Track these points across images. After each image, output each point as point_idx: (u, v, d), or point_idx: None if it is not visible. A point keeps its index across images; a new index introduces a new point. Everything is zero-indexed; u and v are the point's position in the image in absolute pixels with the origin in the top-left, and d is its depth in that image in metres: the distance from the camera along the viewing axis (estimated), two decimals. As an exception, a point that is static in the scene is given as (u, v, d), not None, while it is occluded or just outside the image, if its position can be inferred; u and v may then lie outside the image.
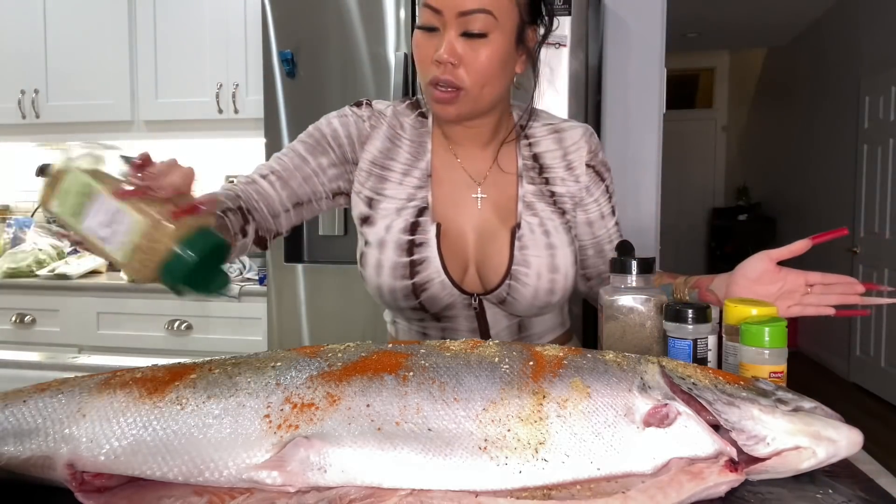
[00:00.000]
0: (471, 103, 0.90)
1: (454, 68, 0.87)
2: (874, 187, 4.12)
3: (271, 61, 2.08)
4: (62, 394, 0.57)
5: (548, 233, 0.97)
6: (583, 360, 0.58)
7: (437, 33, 0.87)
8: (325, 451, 0.51)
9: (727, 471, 0.51)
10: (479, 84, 0.88)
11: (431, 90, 0.89)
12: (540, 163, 1.00)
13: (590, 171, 1.01)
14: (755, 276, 0.84)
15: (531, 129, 1.02)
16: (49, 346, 2.42)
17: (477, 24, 0.85)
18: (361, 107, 1.01)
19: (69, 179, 0.61)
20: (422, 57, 0.89)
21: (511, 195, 0.99)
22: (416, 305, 0.95)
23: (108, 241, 0.60)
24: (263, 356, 0.61)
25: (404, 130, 1.00)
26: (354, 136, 0.98)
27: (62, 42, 2.67)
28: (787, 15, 5.02)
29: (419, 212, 0.95)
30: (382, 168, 0.98)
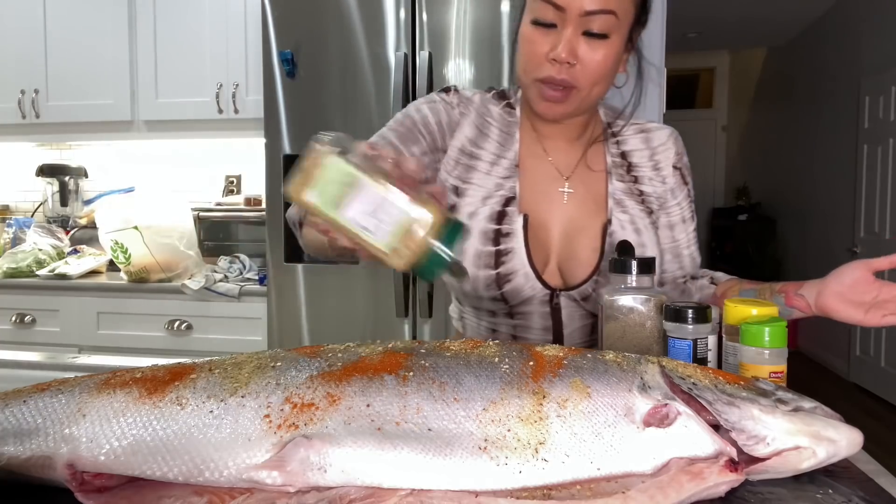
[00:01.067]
0: (578, 102, 0.90)
1: (570, 68, 0.86)
2: (874, 187, 4.12)
3: (271, 61, 2.08)
4: (62, 394, 0.57)
5: (638, 231, 0.96)
6: (583, 360, 0.58)
7: (553, 30, 0.85)
8: (325, 451, 0.51)
9: (727, 471, 0.51)
10: (591, 84, 0.88)
11: (540, 87, 0.88)
12: (628, 161, 1.00)
13: (676, 173, 1.01)
14: (850, 283, 0.82)
15: (619, 128, 1.02)
16: (49, 346, 2.42)
17: (599, 24, 0.84)
18: (450, 93, 0.99)
19: (329, 168, 0.58)
20: (534, 52, 0.87)
21: (599, 191, 0.98)
22: (497, 296, 0.94)
23: (372, 232, 0.58)
24: (263, 356, 0.61)
25: (493, 119, 0.99)
26: (444, 122, 0.97)
27: (62, 42, 2.67)
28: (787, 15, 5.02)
29: (506, 201, 0.95)
30: (470, 157, 0.97)
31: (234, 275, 2.44)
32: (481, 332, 1.03)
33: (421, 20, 1.99)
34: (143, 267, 2.37)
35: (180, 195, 2.61)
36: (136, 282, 2.40)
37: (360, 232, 0.58)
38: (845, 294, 0.82)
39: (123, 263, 2.38)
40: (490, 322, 1.01)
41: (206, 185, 2.92)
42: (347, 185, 0.57)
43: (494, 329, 1.01)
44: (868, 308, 0.81)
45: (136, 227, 2.32)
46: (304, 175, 0.58)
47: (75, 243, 2.72)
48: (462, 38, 1.98)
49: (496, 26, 1.96)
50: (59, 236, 2.74)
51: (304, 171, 0.58)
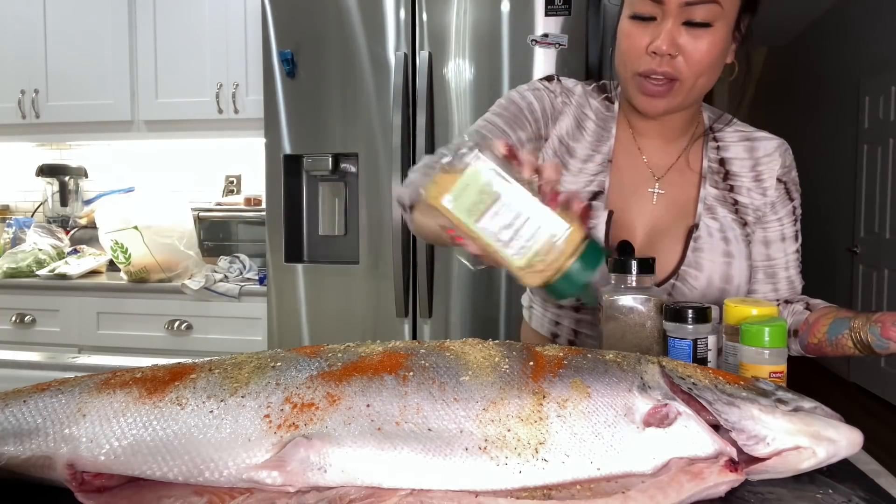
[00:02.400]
0: (682, 95, 0.87)
1: (672, 59, 0.83)
2: (874, 187, 4.12)
3: (271, 61, 2.08)
4: (62, 394, 0.57)
5: (727, 240, 0.93)
6: (583, 360, 0.58)
7: (652, 23, 0.83)
8: (325, 451, 0.51)
9: (727, 471, 0.51)
10: (695, 75, 0.84)
11: (641, 81, 0.86)
12: (726, 168, 0.96)
13: (779, 187, 0.96)
14: None
15: (721, 133, 0.98)
16: (49, 346, 2.42)
17: (701, 13, 0.81)
18: (552, 82, 0.98)
19: (472, 175, 0.55)
20: (633, 46, 0.85)
21: (690, 195, 0.95)
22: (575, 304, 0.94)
23: (508, 245, 0.56)
24: (263, 356, 0.61)
25: (591, 112, 0.97)
26: (549, 110, 0.96)
27: (62, 42, 2.67)
28: (787, 15, 5.02)
29: (593, 195, 0.93)
30: (566, 150, 0.96)
31: (234, 275, 2.44)
32: (545, 324, 1.02)
33: (421, 20, 1.99)
34: (143, 267, 2.37)
35: (180, 195, 2.62)
36: (136, 282, 2.40)
37: (495, 244, 0.56)
38: None
39: (123, 263, 2.38)
40: (555, 314, 1.00)
41: (206, 185, 2.92)
42: (488, 195, 0.55)
43: (558, 322, 1.00)
44: None
45: (136, 227, 2.32)
46: (445, 179, 0.56)
47: (75, 243, 2.72)
48: (462, 38, 1.98)
49: (496, 26, 1.96)
50: (59, 236, 2.74)
51: (445, 174, 0.56)
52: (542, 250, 0.56)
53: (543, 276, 0.57)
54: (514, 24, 1.94)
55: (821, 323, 0.84)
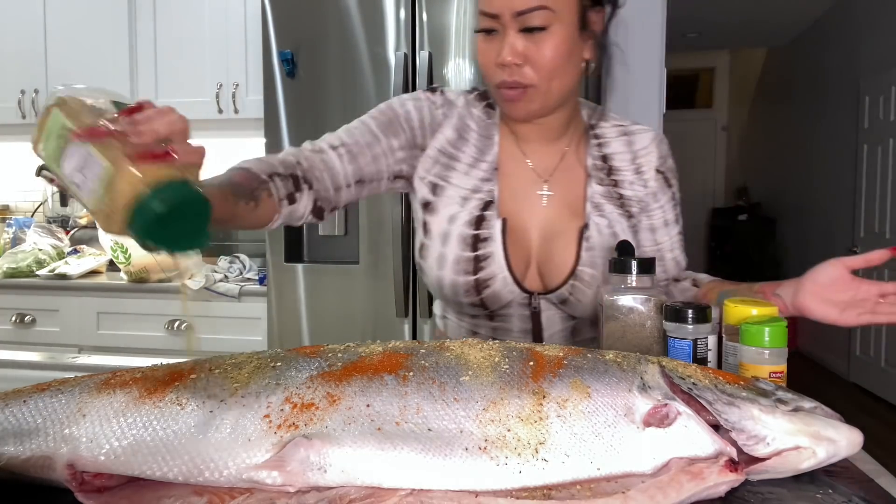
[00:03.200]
0: (540, 99, 0.89)
1: (519, 68, 0.86)
2: (874, 187, 4.12)
3: (271, 61, 2.08)
4: (62, 394, 0.57)
5: (615, 235, 0.95)
6: (583, 360, 0.58)
7: (496, 35, 0.86)
8: (325, 451, 0.51)
9: (727, 471, 0.51)
10: (547, 79, 0.87)
11: (500, 91, 0.89)
12: (609, 164, 0.99)
13: (659, 177, 1.00)
14: (827, 282, 0.80)
15: (601, 130, 1.01)
16: (49, 346, 2.42)
17: (535, 20, 0.84)
18: (435, 93, 0.99)
19: (52, 120, 0.56)
20: (486, 62, 0.89)
21: (578, 194, 0.97)
22: (476, 302, 0.94)
23: (81, 188, 0.55)
24: (263, 356, 0.61)
25: (473, 121, 0.99)
26: (427, 121, 0.97)
27: (62, 42, 2.67)
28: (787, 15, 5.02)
29: (485, 205, 0.94)
30: (450, 157, 0.97)
31: (234, 275, 2.44)
32: (462, 334, 1.02)
33: (421, 20, 1.99)
34: (143, 267, 2.37)
35: (180, 195, 2.61)
36: (136, 282, 2.40)
37: (73, 188, 0.56)
38: (821, 293, 0.80)
39: (123, 263, 2.38)
40: (471, 323, 1.01)
41: (206, 185, 2.91)
42: (63, 139, 0.55)
43: (475, 331, 1.01)
44: (844, 307, 0.79)
45: (136, 227, 2.32)
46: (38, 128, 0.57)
47: (75, 243, 2.72)
48: (462, 38, 1.98)
49: (496, 26, 1.96)
50: (59, 236, 2.74)
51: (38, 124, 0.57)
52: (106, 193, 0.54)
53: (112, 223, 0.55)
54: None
55: (709, 297, 0.91)
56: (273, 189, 0.83)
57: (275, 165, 0.85)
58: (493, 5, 0.85)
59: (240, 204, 0.77)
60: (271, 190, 0.83)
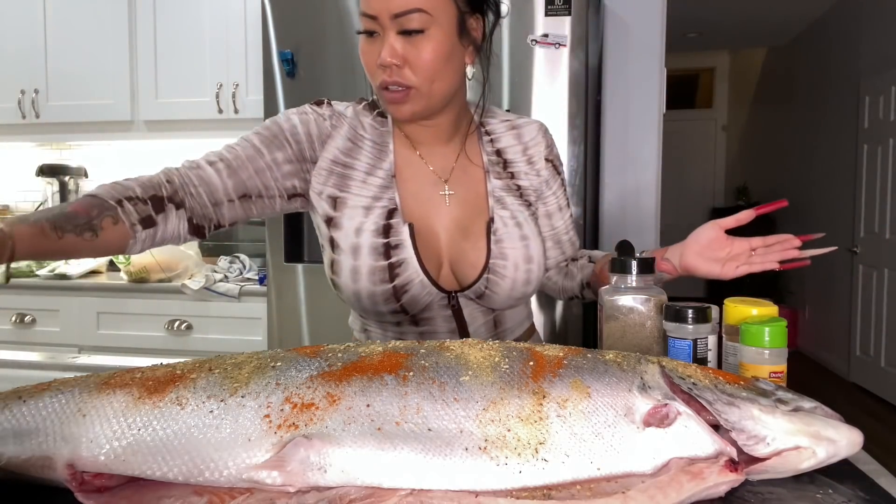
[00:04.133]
0: (423, 100, 0.90)
1: (399, 69, 0.88)
2: (874, 187, 4.12)
3: (271, 61, 2.08)
4: (62, 394, 0.57)
5: (519, 224, 0.99)
6: (583, 360, 0.58)
7: (377, 37, 0.88)
8: (325, 451, 0.51)
9: (727, 471, 0.51)
10: (427, 80, 0.89)
11: (383, 93, 0.90)
12: (503, 158, 1.03)
13: (548, 165, 1.05)
14: (706, 243, 0.90)
15: (490, 126, 1.04)
16: (49, 346, 2.42)
17: (412, 22, 0.86)
18: (322, 106, 1.00)
19: None
20: (368, 63, 0.90)
21: (479, 191, 1.00)
22: (397, 308, 0.94)
23: None
24: (263, 356, 0.61)
25: (365, 131, 0.99)
26: (314, 134, 0.97)
27: (62, 42, 2.67)
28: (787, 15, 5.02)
29: (389, 213, 0.95)
30: (344, 167, 0.97)
31: (234, 275, 2.44)
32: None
33: (421, 20, 1.99)
34: (143, 267, 2.37)
35: (180, 195, 2.61)
36: (136, 282, 2.40)
37: None
38: (703, 252, 0.90)
39: (123, 263, 2.38)
40: (396, 331, 1.01)
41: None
42: None
43: (401, 338, 1.00)
44: (724, 262, 0.89)
45: (136, 227, 2.32)
46: None
47: (75, 243, 2.71)
48: (462, 38, 1.98)
49: (496, 26, 1.95)
50: (59, 236, 2.74)
51: None
52: None
53: None
54: (514, 24, 1.94)
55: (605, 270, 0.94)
56: (122, 215, 0.81)
57: (130, 188, 0.84)
58: (371, 7, 0.86)
59: (67, 237, 0.75)
60: (119, 216, 0.81)
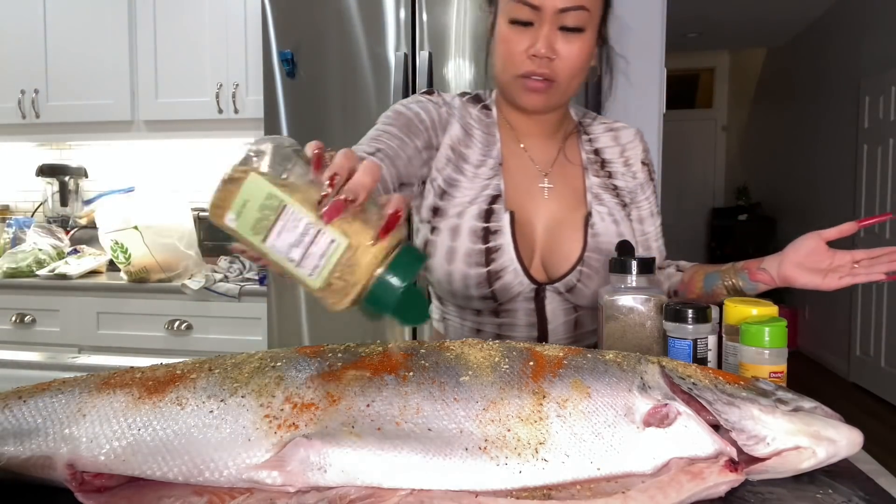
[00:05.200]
0: (559, 95, 0.94)
1: (550, 62, 0.90)
2: (874, 187, 4.12)
3: (271, 61, 2.08)
4: (62, 394, 0.57)
5: (616, 222, 1.01)
6: (583, 360, 0.58)
7: (530, 28, 0.90)
8: (325, 451, 0.51)
9: (727, 471, 0.51)
10: (569, 77, 0.92)
11: (522, 81, 0.92)
12: (601, 157, 1.05)
13: (644, 169, 1.07)
14: (806, 253, 0.88)
15: (589, 127, 1.08)
16: (49, 346, 2.42)
17: (573, 19, 0.88)
18: (433, 94, 1.02)
19: (249, 187, 0.48)
20: (513, 51, 0.91)
21: (577, 186, 1.02)
22: (487, 294, 0.96)
23: (301, 265, 0.49)
24: (263, 356, 0.61)
25: (474, 120, 1.02)
26: (436, 120, 0.99)
27: (62, 42, 2.67)
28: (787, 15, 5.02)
29: (492, 199, 0.97)
30: (459, 156, 0.99)
31: (234, 275, 2.44)
32: (464, 333, 1.03)
33: (421, 20, 1.99)
34: (143, 267, 2.37)
35: (180, 195, 2.61)
36: (136, 282, 2.39)
37: (287, 265, 0.49)
38: (803, 263, 0.88)
39: (123, 263, 2.38)
40: (474, 321, 1.01)
41: (207, 185, 2.92)
42: (270, 210, 0.48)
43: (479, 329, 1.01)
44: (825, 274, 0.87)
45: (136, 227, 2.32)
46: (225, 193, 0.49)
47: (75, 243, 2.72)
48: (462, 38, 1.98)
49: (496, 26, 1.96)
50: (59, 236, 2.74)
51: (225, 187, 0.49)
52: (338, 268, 0.49)
53: (347, 297, 0.50)
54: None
55: (695, 279, 0.98)
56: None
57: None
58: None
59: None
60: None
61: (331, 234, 0.48)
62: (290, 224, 0.48)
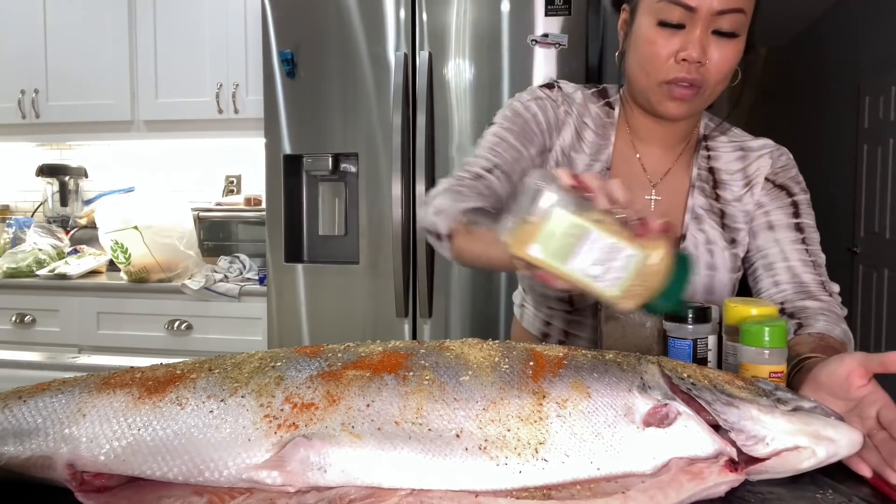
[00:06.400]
0: (702, 102, 0.88)
1: (700, 67, 0.84)
2: (874, 187, 4.12)
3: (271, 61, 2.08)
4: (62, 394, 0.57)
5: (711, 252, 0.94)
6: (583, 360, 0.58)
7: (680, 31, 0.83)
8: (325, 451, 0.51)
9: (727, 471, 0.51)
10: (717, 83, 0.86)
11: (669, 88, 0.86)
12: (715, 177, 0.97)
13: (767, 185, 0.96)
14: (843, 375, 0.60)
15: (714, 142, 0.99)
16: (49, 346, 2.42)
17: (728, 22, 0.82)
18: (553, 89, 0.97)
19: (555, 222, 0.56)
20: (662, 55, 0.85)
21: (679, 204, 0.96)
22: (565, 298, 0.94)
23: (600, 279, 0.57)
24: (263, 356, 0.61)
25: (590, 119, 0.97)
26: (552, 121, 0.95)
27: (62, 42, 2.67)
28: (787, 15, 5.02)
29: None
30: (568, 160, 0.96)
31: (234, 275, 2.44)
32: (536, 324, 1.03)
33: (421, 20, 1.99)
34: (143, 267, 2.37)
35: (180, 195, 2.61)
36: (136, 282, 2.39)
37: (587, 280, 0.58)
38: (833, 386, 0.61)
39: (123, 263, 2.38)
40: (547, 314, 1.01)
41: (206, 185, 2.92)
42: (574, 237, 0.56)
43: (549, 322, 1.01)
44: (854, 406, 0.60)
45: (136, 227, 2.32)
46: (527, 230, 0.57)
47: (75, 243, 2.72)
48: (462, 38, 1.98)
49: (496, 26, 1.96)
50: (59, 236, 2.74)
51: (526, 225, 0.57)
52: (637, 278, 0.57)
53: (641, 300, 0.58)
54: (514, 24, 1.94)
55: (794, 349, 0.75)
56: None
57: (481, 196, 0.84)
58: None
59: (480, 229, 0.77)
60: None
61: (628, 251, 0.56)
62: (592, 247, 0.56)
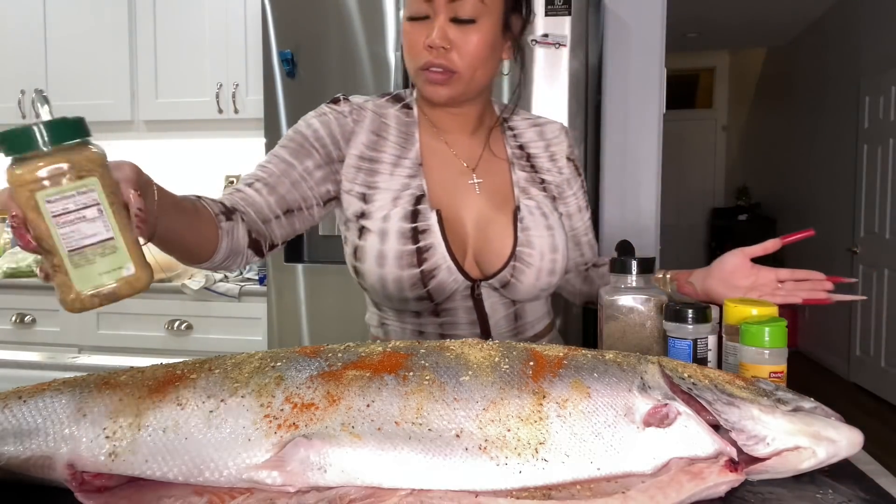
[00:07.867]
0: (463, 86, 0.93)
1: (446, 52, 0.90)
2: (874, 187, 4.12)
3: (271, 61, 2.08)
4: (62, 394, 0.57)
5: (545, 215, 1.00)
6: (583, 360, 0.58)
7: (426, 21, 0.91)
8: (325, 451, 0.51)
9: (727, 471, 0.51)
10: (471, 67, 0.92)
11: (424, 74, 0.93)
12: (527, 152, 1.06)
13: (570, 165, 1.08)
14: (730, 270, 0.91)
15: (513, 122, 1.08)
16: (49, 346, 2.42)
17: (466, 9, 0.89)
18: (339, 103, 1.00)
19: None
20: (412, 44, 0.92)
21: (504, 181, 1.02)
22: (424, 294, 0.94)
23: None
24: (263, 356, 0.61)
25: (389, 122, 1.00)
26: (337, 133, 0.97)
27: (62, 42, 2.67)
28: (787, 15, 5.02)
29: (416, 199, 0.95)
30: (371, 161, 0.98)
31: (234, 275, 2.44)
32: (406, 336, 1.02)
33: (421, 20, 1.99)
34: (143, 267, 2.37)
35: (180, 195, 2.61)
36: (136, 282, 2.39)
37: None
38: (727, 279, 0.91)
39: (123, 263, 2.38)
40: (415, 324, 1.01)
41: (206, 185, 2.92)
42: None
43: (421, 331, 1.01)
44: (746, 291, 0.90)
45: (136, 227, 2.32)
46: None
47: (75, 243, 2.72)
48: (462, 38, 1.98)
49: (496, 26, 1.96)
50: (59, 236, 2.74)
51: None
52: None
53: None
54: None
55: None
56: (207, 205, 0.80)
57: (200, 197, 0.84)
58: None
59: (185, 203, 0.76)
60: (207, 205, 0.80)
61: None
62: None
